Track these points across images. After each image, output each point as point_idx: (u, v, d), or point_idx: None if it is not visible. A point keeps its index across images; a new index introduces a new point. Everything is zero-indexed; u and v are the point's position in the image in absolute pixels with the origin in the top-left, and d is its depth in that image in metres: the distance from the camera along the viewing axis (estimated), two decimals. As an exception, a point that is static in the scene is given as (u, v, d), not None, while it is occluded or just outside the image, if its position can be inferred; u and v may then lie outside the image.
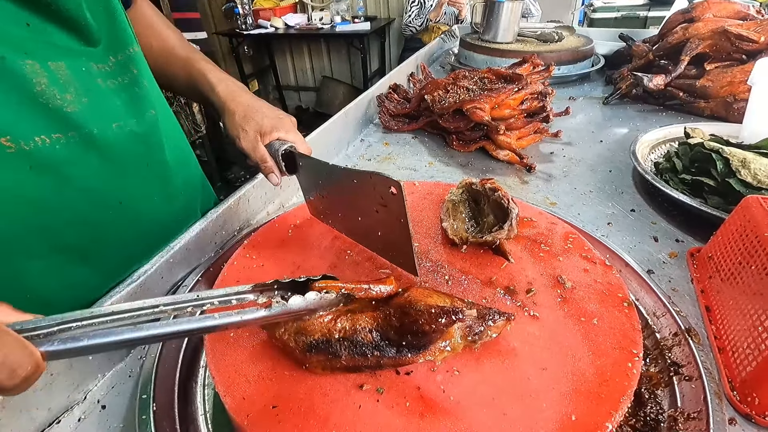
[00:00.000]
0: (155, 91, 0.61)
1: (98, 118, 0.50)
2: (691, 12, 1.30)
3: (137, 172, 0.57)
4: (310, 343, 0.38)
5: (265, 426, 0.36)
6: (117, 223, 0.57)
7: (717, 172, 0.70)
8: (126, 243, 0.59)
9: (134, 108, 0.55)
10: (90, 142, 0.49)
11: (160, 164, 0.61)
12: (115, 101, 0.53)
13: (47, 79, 0.44)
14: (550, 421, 0.35)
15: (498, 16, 1.54)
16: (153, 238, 0.61)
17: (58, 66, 0.46)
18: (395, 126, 1.11)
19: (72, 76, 0.47)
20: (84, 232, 0.54)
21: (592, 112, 1.23)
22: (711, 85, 1.12)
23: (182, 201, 0.68)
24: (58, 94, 0.46)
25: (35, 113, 0.44)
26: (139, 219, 0.59)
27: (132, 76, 0.55)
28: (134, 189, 0.57)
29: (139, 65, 0.56)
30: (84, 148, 0.49)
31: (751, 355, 0.44)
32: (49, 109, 0.45)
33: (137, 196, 0.58)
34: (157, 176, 0.61)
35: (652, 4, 3.05)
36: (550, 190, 0.84)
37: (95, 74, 0.50)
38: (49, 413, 0.42)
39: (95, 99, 0.50)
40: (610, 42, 1.68)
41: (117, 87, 0.53)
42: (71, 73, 0.47)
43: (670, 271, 0.62)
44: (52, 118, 0.45)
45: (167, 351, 0.49)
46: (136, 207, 0.58)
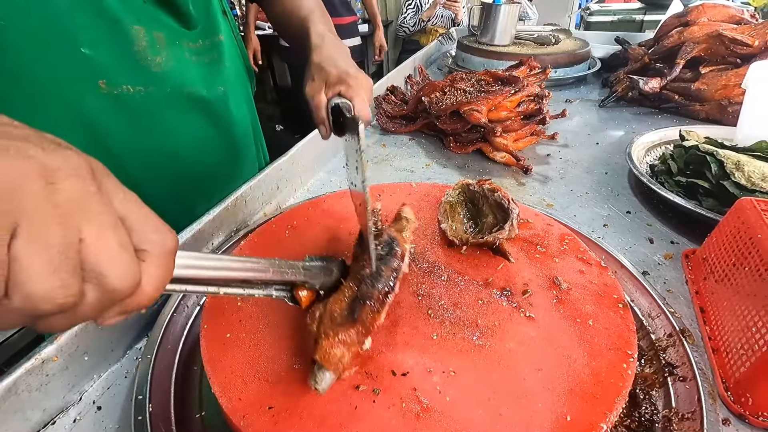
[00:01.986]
0: (232, 74, 0.71)
1: (176, 82, 0.61)
2: (686, 16, 1.31)
3: (198, 132, 0.67)
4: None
5: (261, 427, 0.36)
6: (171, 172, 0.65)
7: (711, 175, 0.71)
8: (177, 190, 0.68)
9: (207, 81, 0.65)
10: (164, 98, 0.60)
11: (224, 132, 0.72)
12: (194, 73, 0.63)
13: (146, 43, 0.56)
14: (546, 422, 0.35)
15: (495, 19, 1.55)
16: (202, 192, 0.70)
17: (158, 36, 0.57)
18: (393, 127, 1.12)
19: (167, 46, 0.59)
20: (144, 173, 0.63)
21: (589, 115, 1.24)
22: (706, 89, 1.13)
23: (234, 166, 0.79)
24: (150, 56, 0.57)
25: (129, 67, 0.55)
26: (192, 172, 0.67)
27: (213, 57, 0.66)
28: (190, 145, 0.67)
29: (221, 50, 0.67)
30: (158, 102, 0.60)
31: (744, 356, 0.44)
32: (140, 66, 0.56)
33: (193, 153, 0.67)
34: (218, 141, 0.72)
35: (647, 7, 3.07)
36: (547, 191, 0.84)
37: (185, 49, 0.62)
38: (44, 414, 0.42)
39: (179, 67, 0.61)
40: (607, 45, 1.69)
41: (199, 63, 0.64)
42: (167, 44, 0.59)
43: (665, 273, 0.62)
44: (140, 73, 0.56)
45: (163, 352, 0.49)
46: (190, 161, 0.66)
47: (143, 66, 0.56)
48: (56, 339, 0.41)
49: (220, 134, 0.72)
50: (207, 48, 0.65)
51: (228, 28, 0.72)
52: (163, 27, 0.58)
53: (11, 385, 0.38)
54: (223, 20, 0.68)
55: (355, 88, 0.56)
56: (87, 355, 0.45)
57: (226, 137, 0.74)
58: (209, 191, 0.71)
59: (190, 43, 0.62)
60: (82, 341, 0.44)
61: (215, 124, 0.70)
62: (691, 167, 0.77)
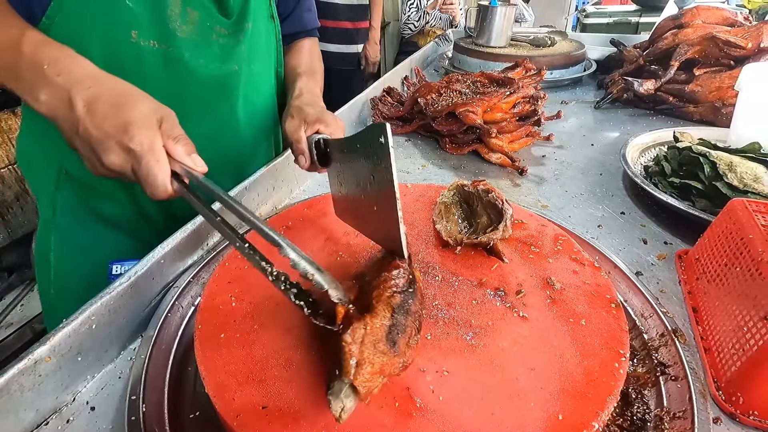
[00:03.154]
0: (250, 57, 0.76)
1: (194, 50, 0.68)
2: (680, 18, 1.32)
3: (203, 100, 0.72)
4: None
5: (255, 426, 0.36)
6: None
7: (704, 176, 0.71)
8: None
9: (223, 58, 0.72)
10: (181, 60, 0.67)
11: (229, 108, 0.77)
12: (214, 48, 0.70)
13: (179, 11, 0.64)
14: (538, 421, 0.36)
15: (491, 21, 1.55)
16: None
17: (193, 11, 0.66)
18: (389, 129, 1.12)
19: (197, 21, 0.67)
20: None
21: (584, 116, 1.24)
22: (700, 90, 1.14)
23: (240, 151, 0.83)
24: (179, 22, 0.64)
25: (159, 26, 0.63)
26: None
27: (236, 40, 0.72)
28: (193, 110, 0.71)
29: (246, 35, 0.73)
30: (175, 62, 0.66)
31: (735, 355, 0.45)
32: (168, 28, 0.64)
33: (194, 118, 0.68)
34: (222, 114, 0.77)
35: (643, 10, 3.09)
36: (542, 192, 0.85)
37: (214, 30, 0.69)
38: (36, 414, 0.42)
39: (202, 40, 0.68)
40: (602, 47, 1.70)
41: (222, 42, 0.71)
42: (198, 20, 0.67)
43: (659, 273, 0.63)
44: (167, 34, 0.64)
45: (157, 352, 0.49)
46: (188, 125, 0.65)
47: (171, 29, 0.64)
48: (49, 339, 0.41)
49: (225, 108, 0.77)
50: (234, 32, 0.72)
51: (268, 28, 0.80)
52: (200, 7, 0.66)
53: (3, 385, 0.38)
54: (256, 14, 0.75)
55: (333, 125, 0.64)
56: (80, 356, 0.45)
57: (232, 112, 0.78)
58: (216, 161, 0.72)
59: (222, 29, 0.70)
60: (76, 342, 0.44)
61: (224, 98, 0.75)
62: (684, 168, 0.77)
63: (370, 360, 0.34)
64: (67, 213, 0.73)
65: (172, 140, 0.47)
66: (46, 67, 0.49)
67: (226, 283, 0.52)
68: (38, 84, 0.49)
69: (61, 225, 0.74)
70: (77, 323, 0.44)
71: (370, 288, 0.42)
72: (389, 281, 0.42)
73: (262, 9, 0.78)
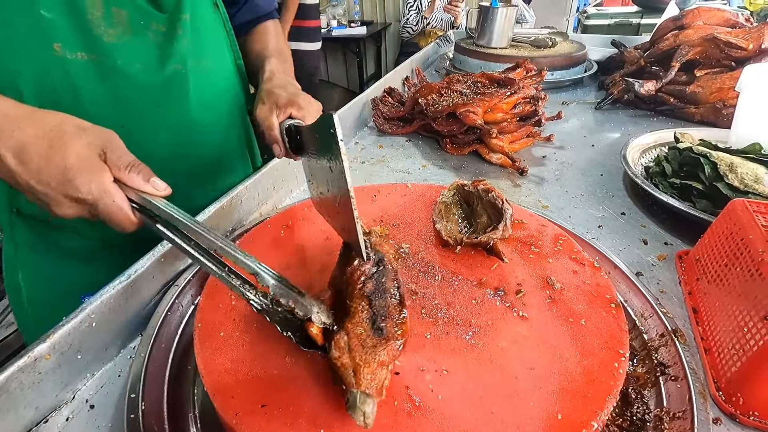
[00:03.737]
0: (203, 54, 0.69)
1: (128, 55, 0.61)
2: (681, 19, 1.32)
3: (149, 109, 0.65)
4: None
5: (254, 425, 0.36)
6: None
7: (705, 176, 0.71)
8: None
9: (164, 59, 0.64)
10: (115, 69, 0.60)
11: (182, 111, 0.69)
12: (153, 50, 0.63)
13: (101, 14, 0.57)
14: (537, 420, 0.36)
15: (492, 22, 1.55)
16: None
17: (119, 11, 0.58)
18: (389, 129, 1.12)
19: (127, 21, 0.59)
20: None
21: (585, 117, 1.24)
22: (701, 91, 1.13)
23: (200, 160, 0.74)
24: (104, 26, 0.57)
25: (81, 34, 0.56)
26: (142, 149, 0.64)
27: (173, 34, 0.65)
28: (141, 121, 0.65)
29: (185, 29, 0.66)
30: (109, 73, 0.59)
31: (735, 356, 0.45)
32: (93, 34, 0.57)
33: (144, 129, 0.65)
34: (171, 120, 0.68)
35: (644, 11, 3.09)
36: (542, 193, 0.84)
37: (150, 29, 0.62)
38: (36, 412, 0.42)
39: (135, 42, 0.61)
40: (603, 48, 1.70)
41: (160, 41, 0.64)
42: (128, 20, 0.59)
43: (659, 274, 0.62)
44: (93, 42, 0.57)
45: (157, 350, 0.49)
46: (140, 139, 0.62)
47: (96, 35, 0.57)
48: (49, 337, 0.41)
49: (177, 112, 0.68)
50: (173, 28, 0.65)
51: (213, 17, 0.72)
52: (128, 4, 0.59)
53: (3, 382, 0.38)
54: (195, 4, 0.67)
55: (306, 108, 0.59)
56: (80, 354, 0.45)
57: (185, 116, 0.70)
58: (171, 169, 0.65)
59: (159, 25, 0.63)
60: (76, 340, 0.44)
61: (175, 102, 0.67)
62: (685, 169, 0.77)
63: (364, 361, 0.35)
64: (28, 248, 0.68)
65: (124, 171, 0.43)
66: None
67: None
68: None
69: (25, 260, 0.69)
70: (77, 321, 0.44)
71: (343, 287, 0.43)
72: (355, 273, 0.43)
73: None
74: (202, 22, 0.69)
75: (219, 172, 0.79)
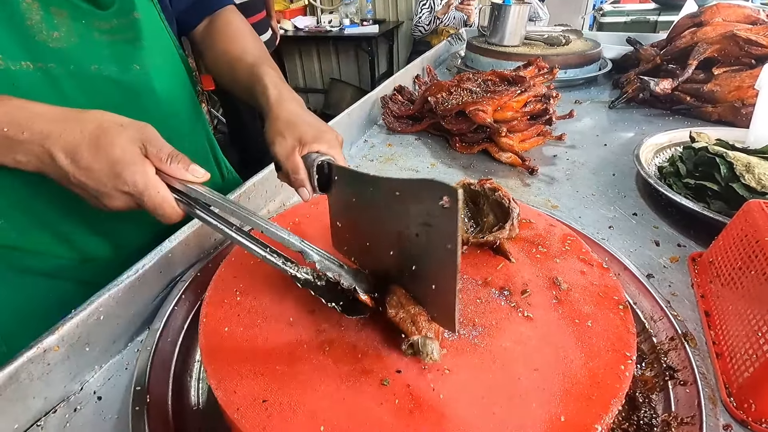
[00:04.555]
0: (155, 53, 0.65)
1: (80, 58, 0.57)
2: (700, 16, 1.29)
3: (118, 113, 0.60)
4: None
5: (255, 419, 0.36)
6: None
7: (720, 177, 0.70)
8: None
9: (119, 59, 0.60)
10: (69, 75, 0.56)
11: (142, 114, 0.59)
12: (103, 51, 0.59)
13: (40, 17, 0.52)
14: (539, 421, 0.35)
15: (505, 19, 1.54)
16: None
17: (59, 11, 0.54)
18: (399, 127, 1.12)
19: (69, 23, 0.55)
20: None
21: (598, 116, 1.22)
22: (719, 90, 1.11)
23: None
24: (46, 30, 0.53)
25: (23, 42, 0.52)
26: None
27: (129, 35, 0.61)
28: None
29: (138, 28, 0.62)
30: (62, 80, 0.56)
31: (748, 361, 0.43)
32: (35, 41, 0.53)
33: None
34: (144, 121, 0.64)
35: (662, 8, 3.02)
36: (552, 192, 0.83)
37: (94, 28, 0.58)
38: (45, 402, 0.43)
39: (84, 44, 0.57)
40: (618, 46, 1.67)
41: (110, 41, 0.59)
42: (70, 20, 0.55)
43: (671, 276, 0.61)
44: (37, 49, 0.53)
45: (164, 344, 0.49)
46: None
47: (39, 41, 0.53)
48: (57, 329, 0.42)
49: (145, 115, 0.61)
50: (120, 26, 0.60)
51: (150, 10, 0.66)
52: (65, 5, 0.55)
53: (12, 372, 0.39)
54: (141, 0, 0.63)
55: (334, 148, 0.54)
56: (88, 346, 0.46)
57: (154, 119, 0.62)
58: None
59: (102, 23, 0.59)
60: (84, 332, 0.45)
61: (137, 104, 0.64)
62: (700, 169, 0.75)
63: (418, 312, 0.40)
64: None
65: (165, 162, 0.44)
66: (6, 130, 0.43)
67: (231, 278, 0.52)
68: (8, 148, 0.44)
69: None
70: (85, 314, 0.45)
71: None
72: None
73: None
74: (149, 18, 0.65)
75: None
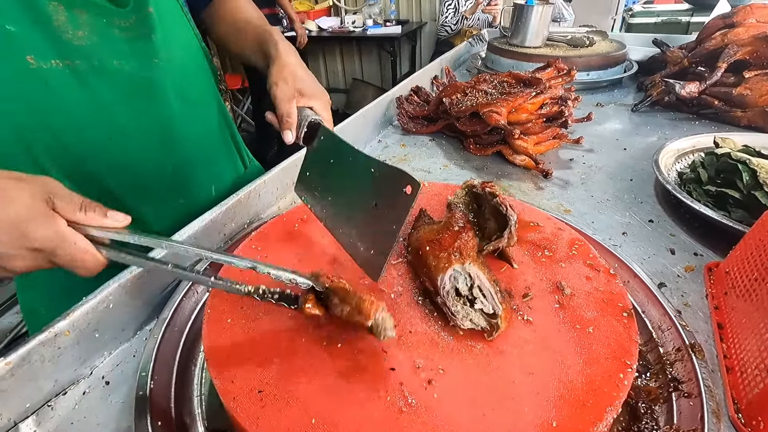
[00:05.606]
0: (169, 47, 0.68)
1: (102, 55, 0.60)
2: (732, 17, 1.24)
3: (132, 105, 0.65)
4: None
5: (249, 409, 0.37)
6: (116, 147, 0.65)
7: (743, 184, 0.67)
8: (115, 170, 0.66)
9: (138, 54, 0.64)
10: (93, 71, 0.60)
11: (161, 106, 0.69)
12: (124, 47, 0.62)
13: (66, 18, 0.56)
14: (530, 426, 0.35)
15: (527, 20, 1.52)
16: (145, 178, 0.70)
17: (80, 11, 0.58)
18: (413, 128, 1.12)
19: (90, 22, 0.59)
20: (80, 152, 0.62)
21: (620, 120, 1.19)
22: (749, 94, 1.06)
23: (186, 153, 0.75)
24: (71, 30, 0.57)
25: (52, 42, 0.56)
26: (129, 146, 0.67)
27: (143, 30, 0.64)
28: (127, 119, 0.65)
29: (151, 23, 0.65)
30: (88, 76, 0.60)
31: (759, 376, 0.42)
32: (63, 40, 0.56)
33: (130, 126, 0.66)
34: (154, 115, 0.68)
35: (695, 8, 2.91)
36: (566, 196, 0.82)
37: (114, 26, 0.61)
38: (56, 384, 0.45)
39: (105, 41, 0.60)
40: (646, 48, 1.62)
41: (129, 37, 0.63)
42: (91, 19, 0.59)
43: (684, 286, 0.59)
44: (64, 47, 0.57)
45: (170, 333, 0.51)
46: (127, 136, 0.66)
47: (66, 41, 0.56)
48: (68, 315, 0.44)
49: (167, 107, 0.70)
50: (138, 22, 0.64)
51: (171, 4, 0.70)
52: (87, 4, 0.58)
53: (25, 354, 0.41)
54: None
55: (325, 107, 0.60)
56: (98, 333, 0.48)
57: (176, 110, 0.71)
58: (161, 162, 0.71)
59: (122, 21, 0.62)
60: (94, 319, 0.47)
61: (159, 96, 0.68)
62: (722, 176, 0.72)
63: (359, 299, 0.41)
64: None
65: (79, 212, 0.41)
66: None
67: (238, 272, 0.53)
68: None
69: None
70: (95, 301, 0.47)
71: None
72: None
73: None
74: (165, 13, 0.68)
75: (210, 166, 0.81)
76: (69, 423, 0.44)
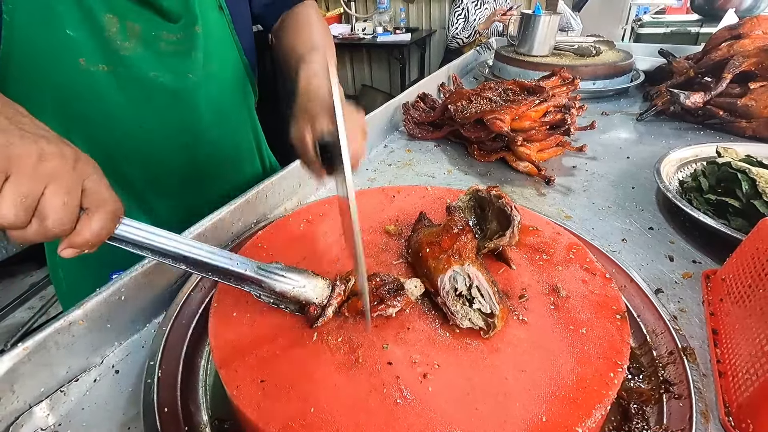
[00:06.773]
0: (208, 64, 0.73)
1: (142, 65, 0.66)
2: (738, 28, 1.25)
3: (164, 112, 0.71)
4: None
5: (251, 397, 0.39)
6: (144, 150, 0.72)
7: (742, 193, 0.68)
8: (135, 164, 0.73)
9: (175, 68, 0.70)
10: (132, 79, 0.66)
11: (191, 115, 0.74)
12: (165, 60, 0.68)
13: (117, 29, 0.63)
14: (520, 420, 0.36)
15: (534, 29, 1.53)
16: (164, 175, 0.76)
17: (133, 25, 0.64)
18: (419, 134, 1.14)
19: (141, 34, 0.65)
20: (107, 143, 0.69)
21: (624, 128, 1.20)
22: (754, 105, 1.07)
23: (208, 157, 0.80)
24: (120, 41, 0.63)
25: (102, 48, 0.62)
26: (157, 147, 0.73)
27: (187, 46, 0.70)
28: (158, 123, 0.71)
29: (194, 41, 0.71)
30: (127, 82, 0.66)
31: (749, 380, 0.42)
32: (111, 48, 0.63)
33: (160, 130, 0.72)
34: (184, 123, 0.74)
35: (705, 19, 2.91)
36: (567, 203, 0.83)
37: (162, 39, 0.67)
38: (69, 371, 0.47)
39: (148, 53, 0.66)
40: (653, 57, 1.63)
41: (172, 51, 0.69)
42: (142, 32, 0.65)
43: (681, 292, 0.60)
44: (111, 55, 0.63)
45: (178, 324, 0.53)
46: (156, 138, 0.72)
47: (113, 49, 0.63)
48: (83, 305, 0.46)
49: (192, 116, 0.74)
50: (184, 38, 0.69)
51: (218, 21, 0.74)
52: (140, 19, 0.64)
53: (41, 340, 0.43)
54: (203, 12, 0.71)
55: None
56: (110, 323, 0.50)
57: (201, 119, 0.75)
58: (181, 164, 0.77)
59: (170, 35, 0.68)
60: (106, 310, 0.49)
61: (186, 107, 0.73)
62: (722, 185, 0.73)
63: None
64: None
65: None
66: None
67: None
68: None
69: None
70: (108, 293, 0.49)
71: None
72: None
73: (208, 2, 0.72)
74: (211, 30, 0.73)
75: (229, 169, 0.85)
76: (80, 408, 0.46)
